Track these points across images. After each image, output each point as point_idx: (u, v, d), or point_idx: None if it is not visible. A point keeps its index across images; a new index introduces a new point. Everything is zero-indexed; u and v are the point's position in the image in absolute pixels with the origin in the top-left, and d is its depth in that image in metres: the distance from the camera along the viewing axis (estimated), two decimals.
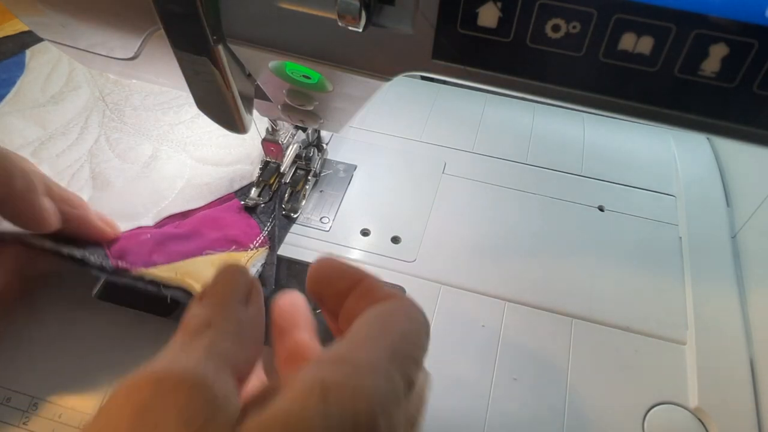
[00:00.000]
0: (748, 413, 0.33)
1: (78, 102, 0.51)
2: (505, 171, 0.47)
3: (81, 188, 0.44)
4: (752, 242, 0.41)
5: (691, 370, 0.35)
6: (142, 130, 0.49)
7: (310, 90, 0.29)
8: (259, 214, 0.42)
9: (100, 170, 0.45)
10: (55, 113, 0.50)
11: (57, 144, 0.47)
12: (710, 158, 0.49)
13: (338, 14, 0.20)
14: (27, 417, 0.33)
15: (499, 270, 0.41)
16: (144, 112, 0.50)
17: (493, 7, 0.20)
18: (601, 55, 0.20)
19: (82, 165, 0.46)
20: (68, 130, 0.49)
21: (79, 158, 0.46)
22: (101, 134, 0.49)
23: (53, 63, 0.55)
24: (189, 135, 0.49)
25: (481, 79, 0.22)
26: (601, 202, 0.45)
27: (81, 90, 0.52)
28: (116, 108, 0.51)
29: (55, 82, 0.53)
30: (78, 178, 0.45)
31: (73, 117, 0.50)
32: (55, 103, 0.51)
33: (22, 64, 0.55)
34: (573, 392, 0.35)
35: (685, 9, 0.18)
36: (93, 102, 0.51)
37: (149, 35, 0.28)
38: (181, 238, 0.39)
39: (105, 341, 0.36)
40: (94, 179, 0.44)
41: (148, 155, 0.47)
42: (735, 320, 0.37)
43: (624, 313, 0.38)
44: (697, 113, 0.20)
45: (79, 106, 0.51)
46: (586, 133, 0.51)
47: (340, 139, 0.49)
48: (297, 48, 0.24)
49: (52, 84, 0.53)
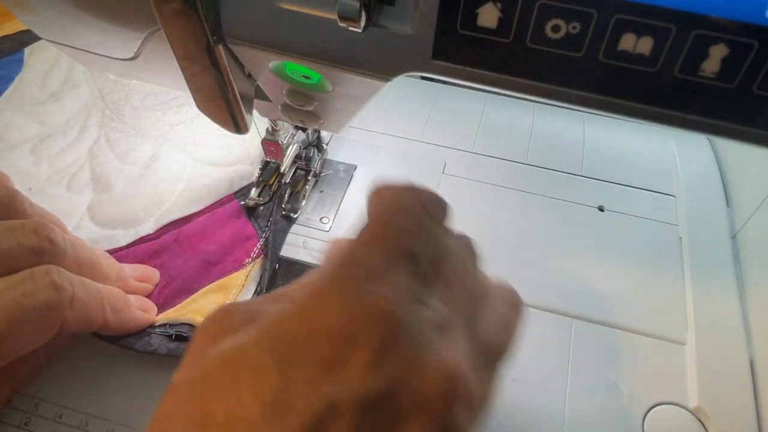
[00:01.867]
0: (748, 413, 0.33)
1: (77, 101, 0.51)
2: (505, 171, 0.47)
3: (82, 190, 0.44)
4: (752, 242, 0.41)
5: (691, 370, 0.35)
6: (142, 131, 0.49)
7: (310, 90, 0.29)
8: (257, 219, 0.42)
9: (100, 171, 0.45)
10: (54, 111, 0.50)
11: (56, 142, 0.47)
12: (710, 158, 0.49)
13: (338, 14, 0.20)
14: (28, 418, 0.33)
15: (499, 270, 0.40)
16: (144, 112, 0.50)
17: (493, 7, 0.20)
18: (601, 55, 0.20)
19: (82, 165, 0.46)
20: (68, 128, 0.48)
21: (79, 158, 0.46)
22: (101, 134, 0.49)
23: (52, 61, 0.55)
24: (189, 135, 0.48)
25: (481, 79, 0.22)
26: (601, 202, 0.45)
27: (80, 88, 0.52)
28: (116, 108, 0.51)
29: (54, 80, 0.53)
30: (78, 178, 0.45)
31: (73, 115, 0.50)
32: (54, 100, 0.51)
33: (20, 62, 0.55)
34: (573, 392, 0.35)
35: (685, 9, 0.18)
36: (93, 101, 0.51)
37: (149, 35, 0.28)
38: (177, 260, 0.39)
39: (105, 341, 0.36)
40: (95, 181, 0.44)
41: (148, 156, 0.47)
42: (735, 320, 0.37)
43: (624, 313, 0.38)
44: (697, 114, 0.20)
45: (78, 105, 0.51)
46: (586, 133, 0.51)
47: (340, 139, 0.49)
48: (297, 48, 0.24)
49: (50, 81, 0.53)
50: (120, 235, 0.41)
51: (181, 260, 0.39)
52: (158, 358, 0.34)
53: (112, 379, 0.34)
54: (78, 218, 0.42)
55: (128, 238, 0.40)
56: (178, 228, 0.41)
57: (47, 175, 0.44)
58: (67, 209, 0.42)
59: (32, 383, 0.34)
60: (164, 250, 0.40)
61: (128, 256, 0.39)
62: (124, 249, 0.40)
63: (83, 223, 0.41)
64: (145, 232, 0.41)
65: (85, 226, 0.41)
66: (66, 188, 0.44)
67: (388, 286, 0.18)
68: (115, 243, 0.40)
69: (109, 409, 0.33)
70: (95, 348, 0.35)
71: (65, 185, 0.44)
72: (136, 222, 0.42)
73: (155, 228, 0.41)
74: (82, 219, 0.42)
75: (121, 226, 0.41)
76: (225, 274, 0.38)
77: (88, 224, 0.41)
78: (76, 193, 0.43)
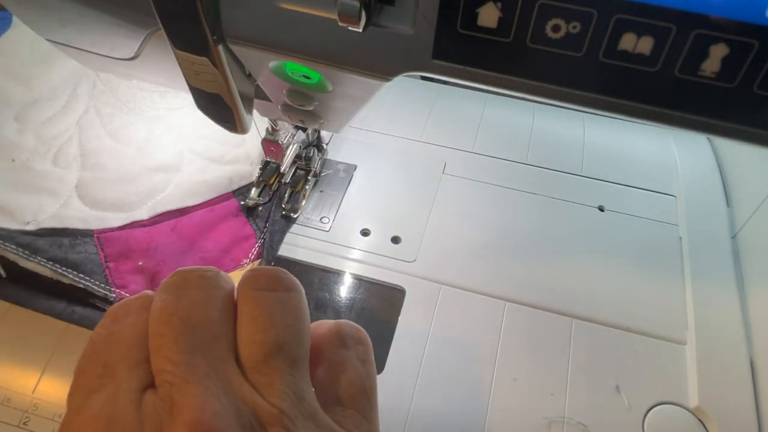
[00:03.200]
0: (748, 413, 0.33)
1: (66, 67, 0.49)
2: (505, 171, 0.47)
3: (69, 164, 0.42)
4: (752, 242, 0.41)
5: (691, 370, 0.35)
6: (136, 109, 0.47)
7: (310, 90, 0.29)
8: (256, 219, 0.42)
9: (90, 147, 0.43)
10: (42, 75, 0.47)
11: (43, 109, 0.45)
12: (710, 158, 0.49)
13: (338, 14, 0.20)
14: (27, 417, 0.33)
15: (499, 270, 0.41)
16: (139, 92, 0.49)
17: (493, 7, 0.20)
18: (602, 55, 0.20)
19: (70, 137, 0.44)
20: (55, 95, 0.46)
21: (67, 129, 0.44)
22: (90, 105, 0.46)
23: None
24: (186, 123, 0.47)
25: (481, 79, 0.22)
26: (601, 202, 0.45)
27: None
28: (108, 81, 0.49)
29: (43, 40, 0.52)
30: (65, 152, 0.43)
31: (61, 82, 0.47)
32: (44, 62, 0.48)
33: (8, 20, 0.52)
34: (573, 392, 0.35)
35: (685, 9, 0.18)
36: (82, 69, 0.49)
37: (149, 35, 0.28)
38: (177, 255, 0.39)
39: None
40: (84, 157, 0.43)
41: (142, 137, 0.45)
42: (735, 320, 0.37)
43: (624, 313, 0.38)
44: (697, 113, 0.20)
45: (66, 72, 0.48)
46: (586, 133, 0.51)
47: (340, 139, 0.49)
48: (297, 48, 0.24)
49: (41, 41, 0.51)
50: (111, 218, 0.40)
51: (179, 251, 0.39)
52: None
53: None
54: (66, 196, 0.40)
55: (120, 221, 0.40)
56: (174, 219, 0.41)
57: (33, 146, 0.42)
58: (53, 185, 0.40)
59: (31, 383, 0.34)
60: (160, 237, 0.39)
61: (120, 237, 0.39)
62: (116, 230, 0.39)
63: (71, 201, 0.40)
64: (139, 218, 0.40)
65: (73, 204, 0.40)
66: (52, 162, 0.42)
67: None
68: (106, 224, 0.39)
69: None
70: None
71: (51, 158, 0.42)
72: (128, 206, 0.41)
73: (150, 215, 0.41)
74: (69, 197, 0.40)
75: (112, 208, 0.40)
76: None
77: (77, 203, 0.40)
78: (63, 168, 0.42)
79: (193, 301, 0.20)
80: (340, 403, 0.21)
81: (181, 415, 0.17)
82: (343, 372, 0.22)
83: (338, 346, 0.23)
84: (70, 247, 0.37)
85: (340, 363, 0.22)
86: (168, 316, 0.19)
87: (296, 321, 0.21)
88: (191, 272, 0.21)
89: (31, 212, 0.39)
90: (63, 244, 0.37)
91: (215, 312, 0.20)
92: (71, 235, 0.38)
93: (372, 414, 0.22)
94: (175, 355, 0.18)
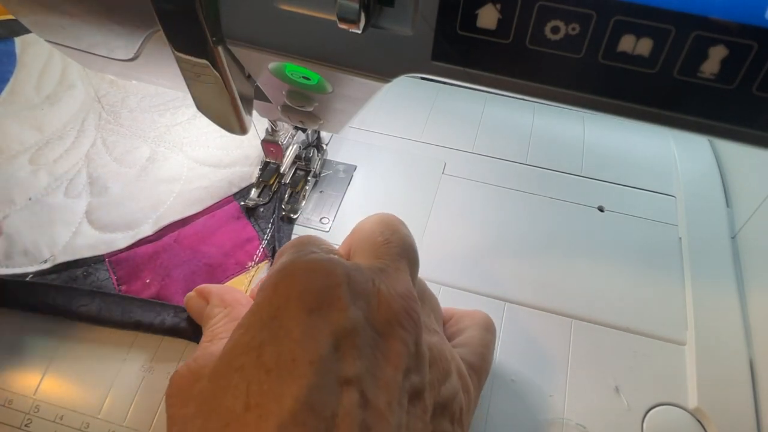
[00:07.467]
0: (748, 414, 0.33)
1: (73, 103, 0.51)
2: (505, 171, 0.47)
3: (79, 194, 0.44)
4: (752, 242, 0.41)
5: (691, 370, 0.35)
6: (139, 132, 0.49)
7: (310, 91, 0.29)
8: (257, 220, 0.42)
9: (97, 175, 0.45)
10: (51, 115, 0.49)
11: (54, 149, 0.47)
12: (710, 158, 0.49)
13: (338, 16, 0.20)
14: (29, 419, 0.33)
15: (499, 270, 0.41)
16: (140, 114, 0.50)
17: (493, 8, 0.20)
18: (601, 56, 0.20)
19: (79, 170, 0.45)
20: (65, 133, 0.48)
21: (77, 163, 0.46)
22: (98, 137, 0.48)
23: (45, 57, 0.54)
24: (186, 136, 0.48)
25: (480, 80, 0.22)
26: (601, 202, 0.45)
27: (76, 89, 0.52)
28: (112, 110, 0.51)
29: (49, 80, 0.52)
30: (75, 183, 0.44)
31: (69, 119, 0.49)
32: (51, 104, 0.50)
33: (13, 56, 0.54)
34: (573, 392, 0.35)
35: (684, 10, 0.18)
36: (89, 104, 0.51)
37: (149, 36, 0.28)
38: (180, 266, 0.39)
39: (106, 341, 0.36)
40: (92, 184, 0.44)
41: (145, 158, 0.46)
42: (735, 320, 0.37)
43: (624, 314, 0.38)
44: (696, 115, 0.20)
45: (74, 108, 0.50)
46: (586, 133, 0.51)
47: (339, 140, 0.49)
48: (296, 49, 0.24)
49: (45, 82, 0.52)
50: (119, 238, 0.41)
51: (182, 261, 0.39)
52: (158, 360, 0.34)
53: (113, 380, 0.34)
54: (77, 224, 0.42)
55: (127, 240, 0.40)
56: (177, 229, 0.41)
57: (46, 183, 0.44)
58: (65, 216, 0.42)
59: (33, 385, 0.34)
60: (164, 251, 0.40)
61: (128, 258, 0.39)
62: (123, 251, 0.40)
63: (82, 228, 0.41)
64: (144, 234, 0.41)
65: (84, 231, 0.41)
66: (64, 194, 0.44)
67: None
68: (114, 246, 0.40)
69: (110, 410, 0.33)
70: (96, 349, 0.35)
71: (63, 191, 0.44)
72: (134, 224, 0.42)
73: (154, 230, 0.41)
74: (80, 224, 0.42)
75: (119, 229, 0.41)
76: (228, 277, 0.38)
77: (87, 229, 0.41)
78: (73, 198, 0.43)
79: None
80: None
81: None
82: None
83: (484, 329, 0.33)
84: (83, 278, 0.38)
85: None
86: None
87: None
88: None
89: (47, 247, 0.40)
90: (77, 276, 0.38)
91: None
92: (83, 265, 0.39)
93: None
94: None
